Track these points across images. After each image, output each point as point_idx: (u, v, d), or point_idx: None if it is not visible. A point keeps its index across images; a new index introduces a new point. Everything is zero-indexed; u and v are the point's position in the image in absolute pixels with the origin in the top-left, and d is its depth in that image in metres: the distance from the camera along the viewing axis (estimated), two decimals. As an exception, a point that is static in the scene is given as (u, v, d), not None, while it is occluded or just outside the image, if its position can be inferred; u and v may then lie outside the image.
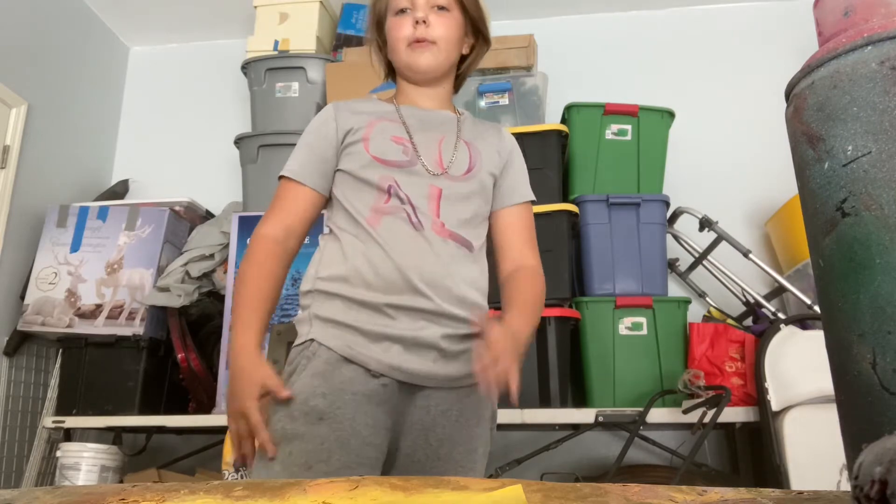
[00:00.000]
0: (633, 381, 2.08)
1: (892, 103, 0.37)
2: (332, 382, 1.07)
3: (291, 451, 1.03)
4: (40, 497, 0.42)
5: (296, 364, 1.11)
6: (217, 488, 0.41)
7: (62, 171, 2.75)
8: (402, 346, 1.10)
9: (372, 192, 1.16)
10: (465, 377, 1.12)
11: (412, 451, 1.11)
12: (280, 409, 1.06)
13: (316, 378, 1.07)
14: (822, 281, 0.41)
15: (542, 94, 2.44)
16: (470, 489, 0.38)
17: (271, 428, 1.06)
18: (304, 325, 1.15)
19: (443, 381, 1.12)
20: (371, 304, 1.11)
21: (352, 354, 1.09)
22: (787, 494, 0.37)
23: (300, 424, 1.04)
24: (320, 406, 1.05)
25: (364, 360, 1.08)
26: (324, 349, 1.09)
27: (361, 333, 1.10)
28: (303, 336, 1.14)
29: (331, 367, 1.08)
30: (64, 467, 2.18)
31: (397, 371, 1.09)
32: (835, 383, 0.40)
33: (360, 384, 1.07)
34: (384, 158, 1.18)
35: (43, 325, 2.33)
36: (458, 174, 1.21)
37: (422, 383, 1.11)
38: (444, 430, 1.12)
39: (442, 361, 1.12)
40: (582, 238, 2.23)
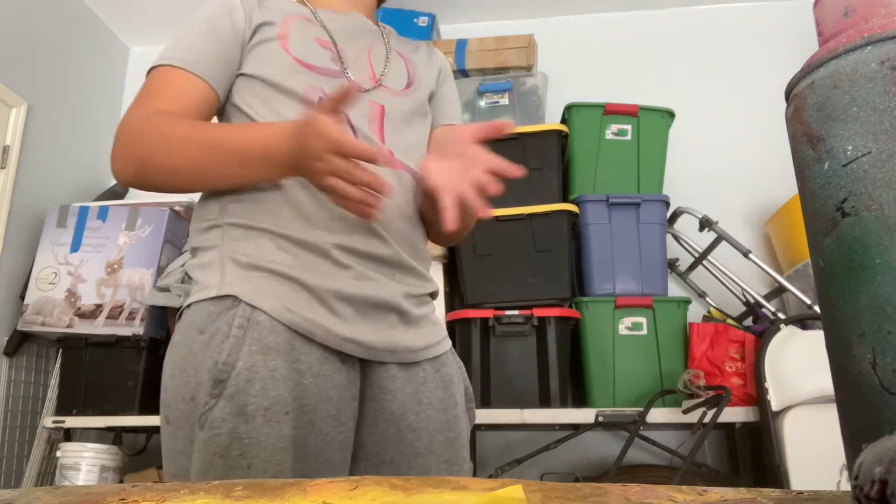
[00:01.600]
0: (633, 381, 2.08)
1: (892, 103, 0.37)
2: (288, 360, 0.80)
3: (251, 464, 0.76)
4: (40, 497, 0.42)
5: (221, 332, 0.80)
6: (217, 488, 0.41)
7: (62, 171, 2.75)
8: (354, 308, 0.85)
9: (293, 104, 0.90)
10: (430, 347, 0.95)
11: (380, 448, 0.89)
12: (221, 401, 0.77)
13: (268, 356, 0.79)
14: (822, 281, 0.41)
15: (542, 94, 2.44)
16: (470, 489, 0.38)
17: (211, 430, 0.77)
18: (212, 271, 0.85)
19: (405, 353, 0.91)
20: (313, 245, 0.84)
21: (295, 322, 0.82)
22: (787, 494, 0.37)
23: (259, 424, 0.77)
24: (284, 395, 0.78)
25: (310, 331, 0.82)
26: (261, 315, 0.81)
27: (303, 288, 0.83)
28: (212, 288, 0.84)
29: (281, 340, 0.81)
30: (64, 467, 2.18)
31: (354, 345, 0.85)
32: (835, 383, 0.40)
33: (318, 362, 0.82)
34: (309, 63, 0.93)
35: (43, 325, 2.33)
36: (398, 88, 1.01)
37: (380, 358, 0.88)
38: (418, 418, 0.90)
39: (402, 327, 0.91)
40: (582, 238, 2.23)
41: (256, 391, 0.78)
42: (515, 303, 2.10)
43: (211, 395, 0.78)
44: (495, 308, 2.10)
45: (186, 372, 0.82)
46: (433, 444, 0.91)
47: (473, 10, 2.91)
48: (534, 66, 2.56)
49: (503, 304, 2.10)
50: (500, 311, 2.09)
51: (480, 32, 2.75)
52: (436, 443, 0.91)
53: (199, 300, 0.84)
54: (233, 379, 0.78)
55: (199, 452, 0.78)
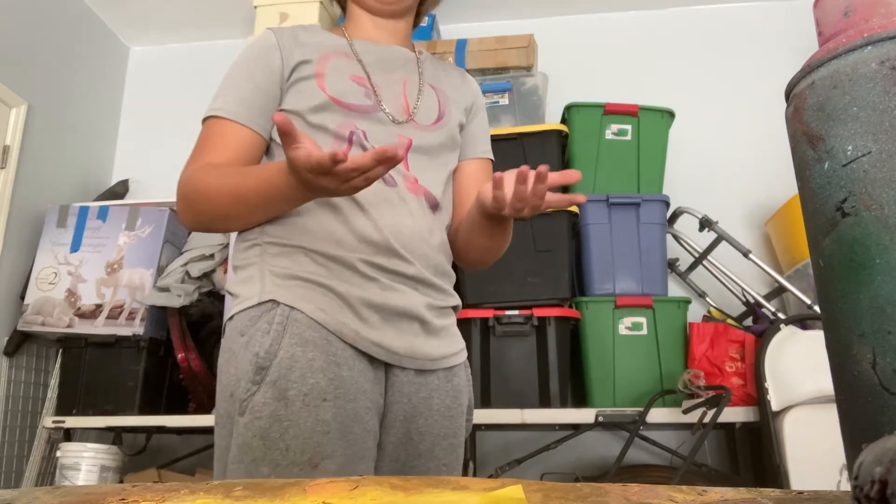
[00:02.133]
0: (633, 381, 2.08)
1: (892, 103, 0.37)
2: (325, 353, 0.87)
3: (289, 446, 0.81)
4: (40, 497, 0.42)
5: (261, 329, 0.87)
6: (217, 488, 0.41)
7: (62, 171, 2.75)
8: (381, 316, 0.92)
9: (327, 138, 0.96)
10: (446, 357, 1.01)
11: (393, 448, 0.95)
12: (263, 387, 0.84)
13: (307, 347, 0.86)
14: (822, 281, 0.41)
15: (542, 94, 2.44)
16: (470, 489, 0.38)
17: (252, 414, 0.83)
18: (252, 283, 0.92)
19: (424, 360, 0.97)
20: (342, 259, 0.91)
21: (328, 322, 0.89)
22: (787, 494, 0.37)
23: (299, 408, 0.82)
24: (322, 383, 0.84)
25: (341, 332, 0.89)
26: (299, 314, 0.88)
27: (334, 294, 0.90)
28: (253, 297, 0.91)
29: (318, 335, 0.87)
30: (64, 467, 2.18)
31: (379, 349, 0.92)
32: (835, 383, 0.40)
33: (352, 358, 0.89)
34: (343, 101, 0.98)
35: (43, 325, 2.33)
36: (427, 123, 1.05)
37: (401, 364, 0.95)
38: (427, 422, 0.96)
39: (423, 337, 0.97)
40: (582, 238, 2.23)
41: (296, 377, 0.84)
42: (515, 303, 2.10)
43: (253, 381, 0.84)
44: (495, 308, 2.10)
45: (228, 373, 0.89)
46: (436, 448, 0.97)
47: (473, 10, 2.91)
48: (534, 66, 2.56)
49: (503, 304, 2.10)
50: (500, 311, 2.09)
51: (480, 32, 2.75)
52: (439, 447, 0.97)
53: (241, 310, 0.92)
54: (274, 366, 0.84)
55: (238, 436, 0.83)
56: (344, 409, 0.85)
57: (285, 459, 0.81)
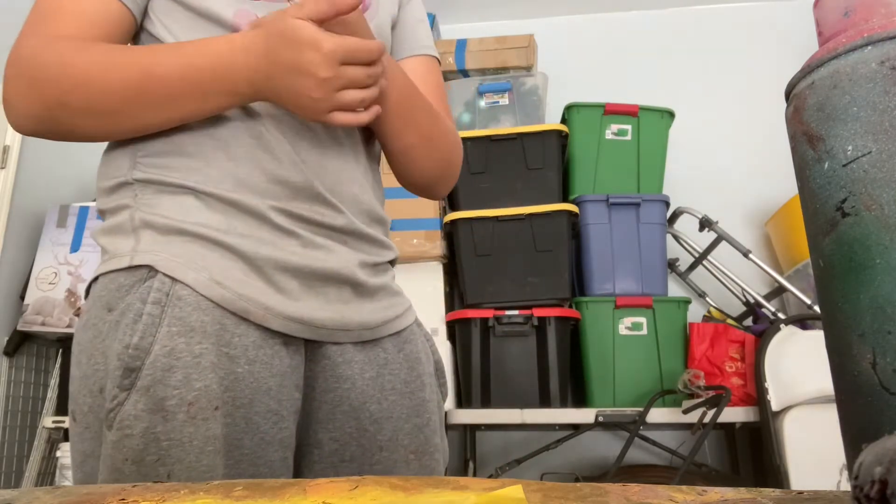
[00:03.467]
0: (633, 381, 2.08)
1: (892, 103, 0.37)
2: (217, 343, 0.66)
3: (171, 472, 0.62)
4: (40, 497, 0.42)
5: (133, 309, 0.65)
6: (217, 488, 0.41)
7: (62, 171, 2.75)
8: (300, 282, 0.71)
9: (221, 32, 0.71)
10: (391, 321, 0.81)
11: (339, 445, 0.75)
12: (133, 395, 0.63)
13: (194, 338, 0.64)
14: (822, 281, 0.41)
15: (542, 94, 2.44)
16: (470, 489, 0.38)
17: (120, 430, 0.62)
18: (123, 236, 0.69)
19: (361, 330, 0.77)
20: (248, 206, 0.69)
21: (226, 298, 0.67)
22: (787, 494, 0.37)
23: (181, 422, 0.62)
24: (213, 386, 0.64)
25: (245, 309, 0.67)
26: (182, 289, 0.66)
27: (236, 255, 0.68)
28: (123, 257, 0.67)
29: (209, 319, 0.66)
30: (64, 467, 2.18)
31: (299, 325, 0.70)
32: (835, 383, 0.40)
33: (254, 346, 0.68)
34: None
35: (43, 325, 2.33)
36: None
37: (332, 338, 0.75)
38: (380, 406, 0.77)
39: (356, 302, 0.77)
40: (582, 238, 2.23)
41: (178, 381, 0.63)
42: (515, 303, 2.10)
43: (121, 386, 0.63)
44: (495, 308, 2.10)
45: (94, 357, 0.68)
46: (399, 433, 0.78)
47: (473, 10, 2.91)
48: (534, 66, 2.57)
49: (503, 304, 2.10)
50: (500, 311, 2.09)
51: (480, 32, 2.75)
52: (402, 432, 0.78)
53: (107, 271, 0.69)
54: (147, 367, 0.63)
55: (107, 458, 0.64)
56: (233, 415, 0.66)
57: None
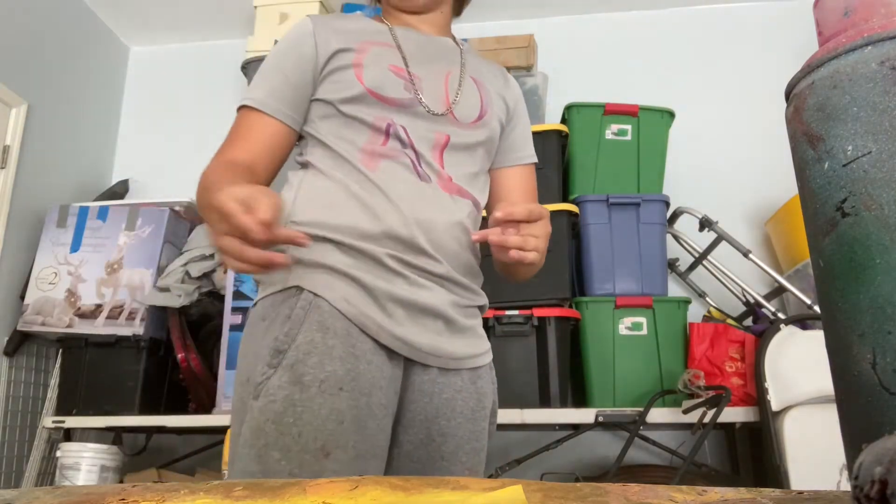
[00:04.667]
0: (633, 381, 2.08)
1: (892, 103, 0.37)
2: (345, 343, 0.85)
3: (301, 432, 0.79)
4: (40, 497, 0.42)
5: (283, 314, 0.87)
6: (217, 488, 0.41)
7: (62, 171, 2.75)
8: (405, 311, 0.90)
9: (364, 130, 0.95)
10: (471, 357, 0.98)
11: (412, 448, 0.93)
12: (279, 371, 0.82)
13: (327, 334, 0.84)
14: (822, 281, 0.41)
15: (542, 94, 2.44)
16: (470, 489, 0.38)
17: (266, 398, 0.81)
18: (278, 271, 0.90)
19: (448, 359, 0.95)
20: (369, 252, 0.89)
21: (352, 313, 0.87)
22: (787, 494, 0.37)
23: (314, 394, 0.80)
24: (339, 372, 0.82)
25: (364, 323, 0.87)
26: (322, 302, 0.87)
27: (360, 285, 0.89)
28: (277, 283, 0.90)
29: (339, 325, 0.86)
30: (64, 467, 2.18)
31: (402, 344, 0.90)
32: (835, 383, 0.40)
33: (371, 352, 0.87)
34: (382, 94, 0.95)
35: (43, 325, 2.33)
36: (467, 120, 1.01)
37: (424, 361, 0.93)
38: (449, 424, 0.94)
39: (447, 335, 0.95)
40: (582, 238, 2.23)
41: (314, 363, 0.82)
42: (515, 303, 2.10)
43: (269, 364, 0.83)
44: (495, 308, 2.10)
45: (246, 357, 0.89)
46: (459, 451, 0.95)
47: (473, 10, 2.87)
48: (534, 66, 2.56)
49: (503, 304, 2.10)
50: (500, 311, 2.09)
51: (480, 32, 2.75)
52: (462, 451, 0.95)
53: (264, 296, 0.91)
54: (292, 350, 0.83)
55: (252, 420, 0.82)
56: (359, 401, 0.83)
57: (297, 445, 0.79)
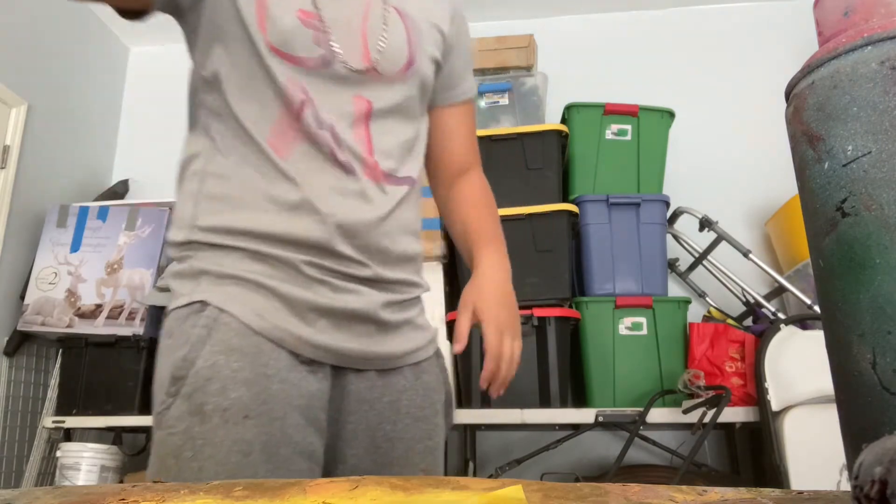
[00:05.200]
0: (633, 381, 2.08)
1: (892, 103, 0.37)
2: (253, 364, 0.76)
3: (202, 467, 0.72)
4: (40, 497, 0.42)
5: (186, 334, 0.78)
6: (217, 488, 0.41)
7: (62, 171, 2.75)
8: (329, 320, 0.82)
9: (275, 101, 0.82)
10: (411, 353, 0.90)
11: (357, 461, 0.86)
12: (179, 400, 0.75)
13: (231, 357, 0.75)
14: (822, 281, 0.41)
15: (542, 94, 2.44)
16: (470, 489, 0.38)
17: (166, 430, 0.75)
18: (186, 281, 0.82)
19: (384, 360, 0.87)
20: (284, 259, 0.80)
21: (265, 328, 0.78)
22: (787, 494, 0.37)
23: (216, 425, 0.73)
24: (244, 398, 0.74)
25: (280, 337, 0.78)
26: (227, 317, 0.77)
27: (276, 297, 0.79)
28: (184, 296, 0.81)
29: (247, 343, 0.77)
30: (64, 467, 2.18)
31: (325, 352, 0.81)
32: (835, 383, 0.40)
33: (286, 369, 0.78)
34: (290, 53, 0.81)
35: (43, 325, 2.33)
36: (393, 71, 0.86)
37: (355, 366, 0.85)
38: (395, 428, 0.87)
39: (380, 336, 0.86)
40: (582, 238, 2.23)
41: (215, 390, 0.74)
42: (515, 303, 2.10)
43: (168, 393, 0.76)
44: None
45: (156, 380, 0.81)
46: (411, 453, 0.88)
47: (473, 10, 2.91)
48: (534, 66, 2.56)
49: (503, 304, 2.10)
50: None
51: (480, 32, 2.75)
52: (413, 451, 0.89)
53: (173, 308, 0.83)
54: (191, 377, 0.75)
55: (154, 454, 0.77)
56: (270, 427, 0.75)
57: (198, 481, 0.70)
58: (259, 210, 0.81)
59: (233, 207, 0.82)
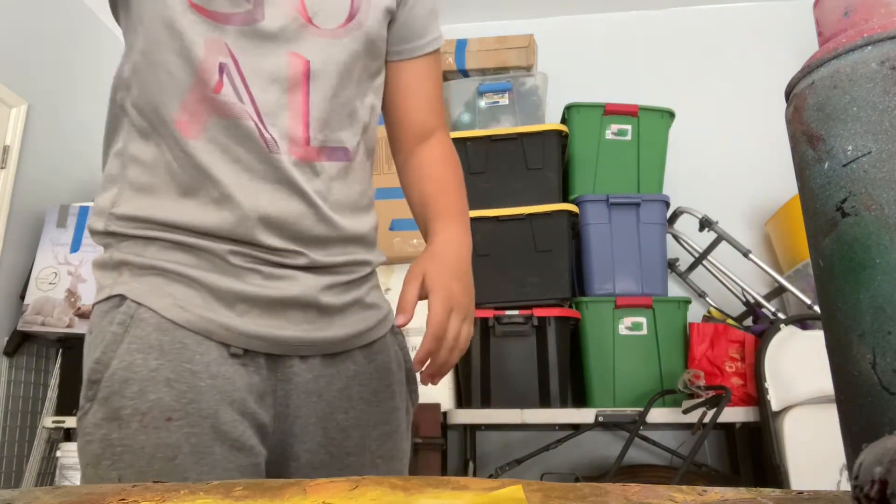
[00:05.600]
0: (633, 381, 2.08)
1: (892, 103, 0.37)
2: (175, 362, 0.70)
3: (122, 476, 0.67)
4: (40, 497, 0.42)
5: (102, 333, 0.72)
6: (217, 488, 0.41)
7: (62, 171, 2.75)
8: (261, 309, 0.75)
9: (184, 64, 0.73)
10: (360, 335, 0.82)
11: (311, 456, 0.79)
12: (95, 405, 0.70)
13: (151, 354, 0.70)
14: (822, 281, 0.41)
15: (542, 94, 2.44)
16: (470, 489, 0.38)
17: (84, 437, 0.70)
18: (107, 272, 0.76)
19: (330, 345, 0.79)
20: (208, 249, 0.73)
21: (189, 320, 0.72)
22: (787, 494, 0.37)
23: (135, 430, 0.68)
24: (166, 399, 0.68)
25: (207, 329, 0.72)
26: (145, 311, 0.72)
27: (201, 286, 0.73)
28: (105, 289, 0.75)
29: (168, 339, 0.71)
30: (64, 467, 2.18)
31: (259, 341, 0.74)
32: (835, 383, 0.40)
33: (216, 363, 0.72)
34: (210, 7, 0.72)
35: (43, 325, 2.33)
36: (332, 25, 0.76)
37: (297, 353, 0.77)
38: (348, 416, 0.80)
39: (322, 321, 0.78)
40: (582, 238, 2.23)
41: (133, 393, 0.69)
42: (515, 303, 2.10)
43: (85, 397, 0.71)
44: (495, 308, 2.10)
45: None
46: (366, 440, 0.81)
47: (473, 10, 2.91)
48: (534, 66, 2.57)
49: (503, 304, 2.10)
50: (500, 311, 2.09)
51: (480, 32, 2.75)
52: (369, 438, 0.82)
53: (96, 302, 0.76)
54: (106, 380, 0.70)
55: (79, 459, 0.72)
56: (198, 426, 0.69)
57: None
58: (175, 200, 0.74)
59: (150, 196, 0.75)
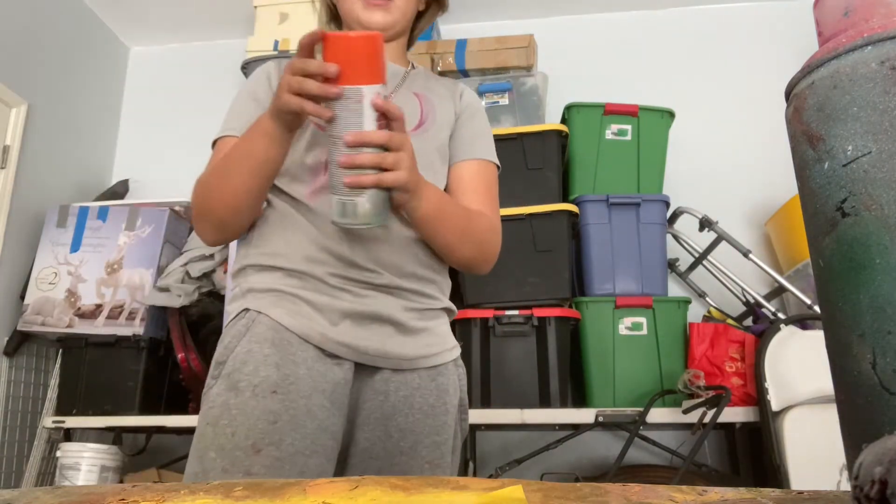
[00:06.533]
0: (633, 381, 2.08)
1: (892, 103, 0.37)
2: (283, 353, 0.92)
3: (235, 431, 0.87)
4: (40, 497, 0.42)
5: (231, 336, 0.96)
6: (217, 488, 0.41)
7: (62, 171, 2.75)
8: (352, 320, 0.97)
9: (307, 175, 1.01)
10: (425, 357, 1.02)
11: (370, 444, 0.97)
12: (219, 380, 0.92)
13: (264, 345, 0.92)
14: (822, 281, 0.41)
15: (542, 94, 2.44)
16: (470, 489, 0.38)
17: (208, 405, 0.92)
18: (237, 301, 1.01)
19: (398, 360, 0.99)
20: (311, 274, 0.97)
21: (295, 325, 0.94)
22: (787, 494, 0.37)
23: (248, 398, 0.89)
24: (273, 377, 0.90)
25: (307, 334, 0.94)
26: (263, 317, 0.95)
27: (304, 301, 0.96)
28: (234, 311, 1.00)
29: (279, 337, 0.93)
30: (64, 467, 2.18)
31: (347, 349, 0.96)
32: (835, 383, 0.40)
33: (313, 359, 0.94)
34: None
35: (43, 325, 2.33)
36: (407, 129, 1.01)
37: (376, 364, 0.98)
38: (407, 420, 0.98)
39: (399, 338, 0.99)
40: (582, 238, 2.23)
41: (249, 371, 0.90)
42: (515, 303, 2.10)
43: (212, 376, 0.93)
44: (495, 308, 2.10)
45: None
46: (418, 445, 0.97)
47: (473, 10, 2.91)
48: (534, 66, 2.56)
49: (503, 304, 2.10)
50: (500, 311, 2.09)
51: (480, 32, 2.75)
52: (421, 445, 0.98)
53: (227, 323, 1.00)
54: (230, 361, 0.92)
55: (197, 427, 0.92)
56: (296, 402, 0.89)
57: (230, 443, 0.87)
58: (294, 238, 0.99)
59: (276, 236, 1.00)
